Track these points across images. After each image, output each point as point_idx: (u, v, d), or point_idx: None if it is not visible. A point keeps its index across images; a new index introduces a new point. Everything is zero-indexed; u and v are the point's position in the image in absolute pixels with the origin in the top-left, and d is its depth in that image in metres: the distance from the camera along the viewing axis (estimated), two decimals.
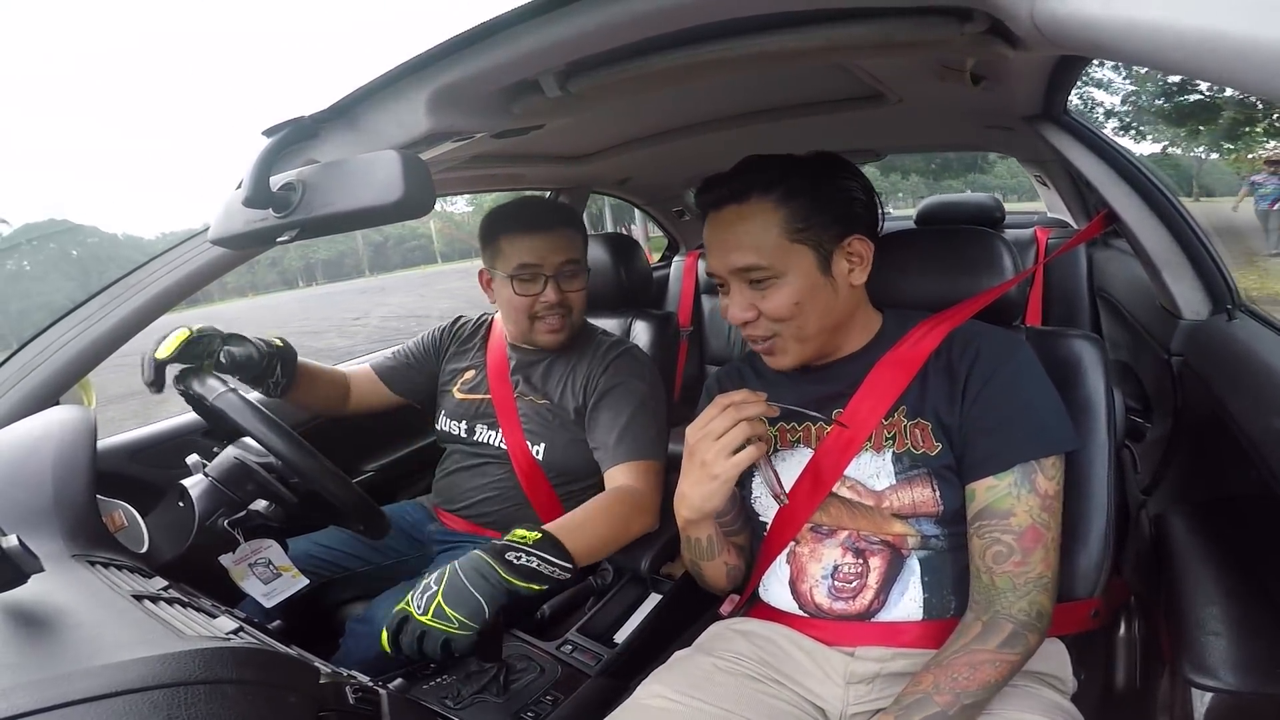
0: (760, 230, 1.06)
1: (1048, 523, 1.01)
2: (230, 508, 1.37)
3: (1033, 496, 1.01)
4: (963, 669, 0.95)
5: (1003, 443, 1.03)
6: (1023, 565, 1.00)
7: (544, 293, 1.61)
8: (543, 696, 1.24)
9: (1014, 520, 1.01)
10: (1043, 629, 1.00)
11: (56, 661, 0.67)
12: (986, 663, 0.95)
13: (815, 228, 1.07)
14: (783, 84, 1.53)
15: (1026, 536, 1.00)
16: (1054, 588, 1.02)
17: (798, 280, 1.07)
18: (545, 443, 1.67)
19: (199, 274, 1.48)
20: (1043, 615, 1.00)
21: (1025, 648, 0.97)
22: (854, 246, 1.10)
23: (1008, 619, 0.98)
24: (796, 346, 1.13)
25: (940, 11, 0.79)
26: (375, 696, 0.89)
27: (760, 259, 1.06)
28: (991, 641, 0.97)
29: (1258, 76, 0.38)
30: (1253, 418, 1.12)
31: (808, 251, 1.07)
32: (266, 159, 0.86)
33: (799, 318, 1.09)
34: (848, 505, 1.12)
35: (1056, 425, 1.05)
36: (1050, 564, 1.01)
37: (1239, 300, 1.44)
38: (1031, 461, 1.02)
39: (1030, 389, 1.06)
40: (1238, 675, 0.89)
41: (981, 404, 1.06)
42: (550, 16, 0.77)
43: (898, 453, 1.09)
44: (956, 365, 1.10)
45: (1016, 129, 1.73)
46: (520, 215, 1.62)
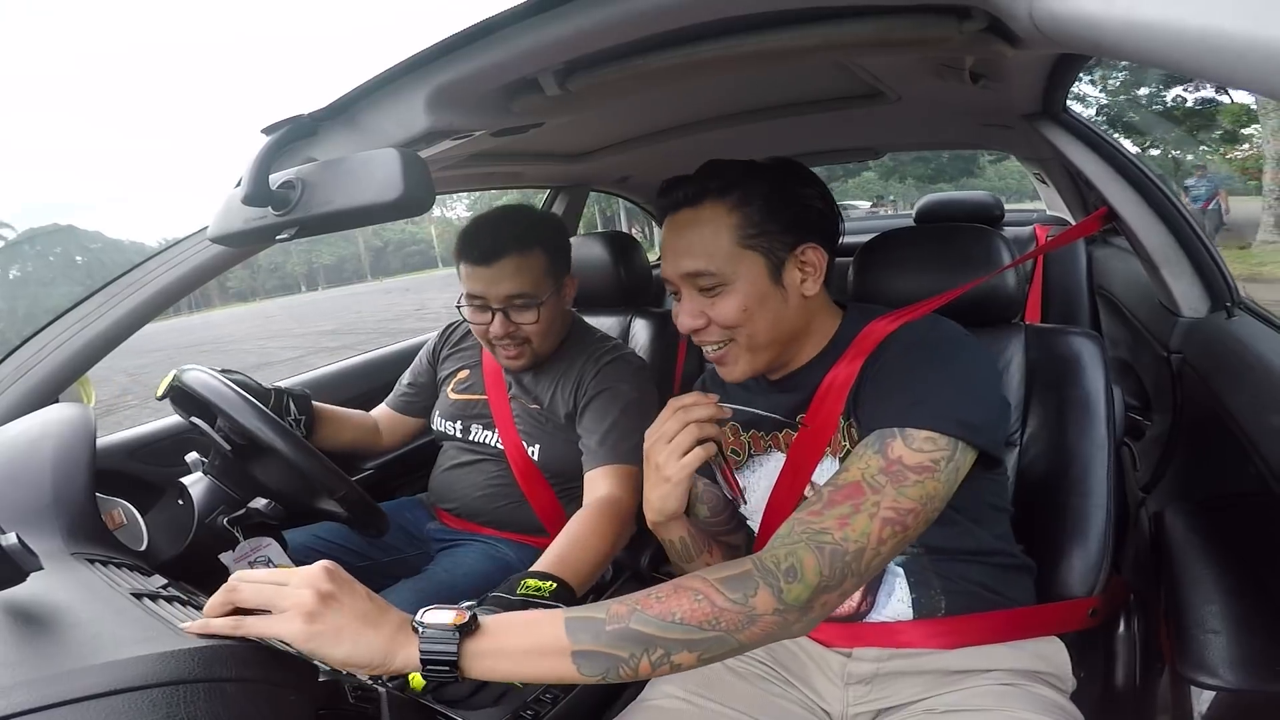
0: (712, 235, 1.05)
1: (880, 485, 0.88)
2: (230, 505, 1.37)
3: (876, 457, 0.91)
4: (665, 590, 0.83)
5: (872, 413, 0.98)
6: (813, 515, 0.87)
7: (492, 324, 1.56)
8: (542, 695, 1.24)
9: (842, 475, 0.91)
10: (789, 595, 0.82)
11: (56, 660, 0.67)
12: (690, 592, 0.82)
13: (767, 234, 1.05)
14: (782, 82, 1.53)
15: (843, 490, 0.88)
16: (835, 556, 0.84)
17: (746, 288, 1.05)
18: (540, 444, 1.67)
19: (198, 272, 1.47)
20: (797, 574, 0.82)
21: (748, 602, 0.81)
22: (807, 255, 1.07)
23: (754, 560, 0.85)
24: (748, 356, 1.10)
25: (939, 9, 0.79)
26: (374, 695, 0.89)
27: (709, 265, 1.04)
28: (715, 573, 0.84)
29: (1257, 75, 0.38)
30: (1252, 415, 1.12)
31: (758, 259, 1.05)
32: (266, 157, 0.86)
33: (748, 326, 1.06)
34: None
35: (947, 403, 0.93)
36: (847, 527, 0.85)
37: (1238, 298, 1.44)
38: (894, 428, 0.92)
39: (924, 364, 0.98)
40: (1237, 673, 0.89)
41: (872, 383, 1.03)
42: (549, 15, 0.77)
43: (842, 457, 1.06)
44: (877, 355, 1.06)
45: (1015, 127, 1.73)
46: (466, 244, 1.56)
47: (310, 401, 1.68)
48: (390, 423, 1.91)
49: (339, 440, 1.78)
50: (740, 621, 0.81)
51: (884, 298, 1.26)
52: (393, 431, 1.91)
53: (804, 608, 0.82)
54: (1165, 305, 1.57)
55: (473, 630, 0.80)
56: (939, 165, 29.42)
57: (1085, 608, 1.16)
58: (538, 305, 1.55)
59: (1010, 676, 1.04)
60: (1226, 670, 0.89)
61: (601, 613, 0.82)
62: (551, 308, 1.59)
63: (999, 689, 1.01)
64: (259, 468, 1.38)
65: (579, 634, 0.80)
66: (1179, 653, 0.96)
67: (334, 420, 1.76)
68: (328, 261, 67.68)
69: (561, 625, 0.81)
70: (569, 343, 1.72)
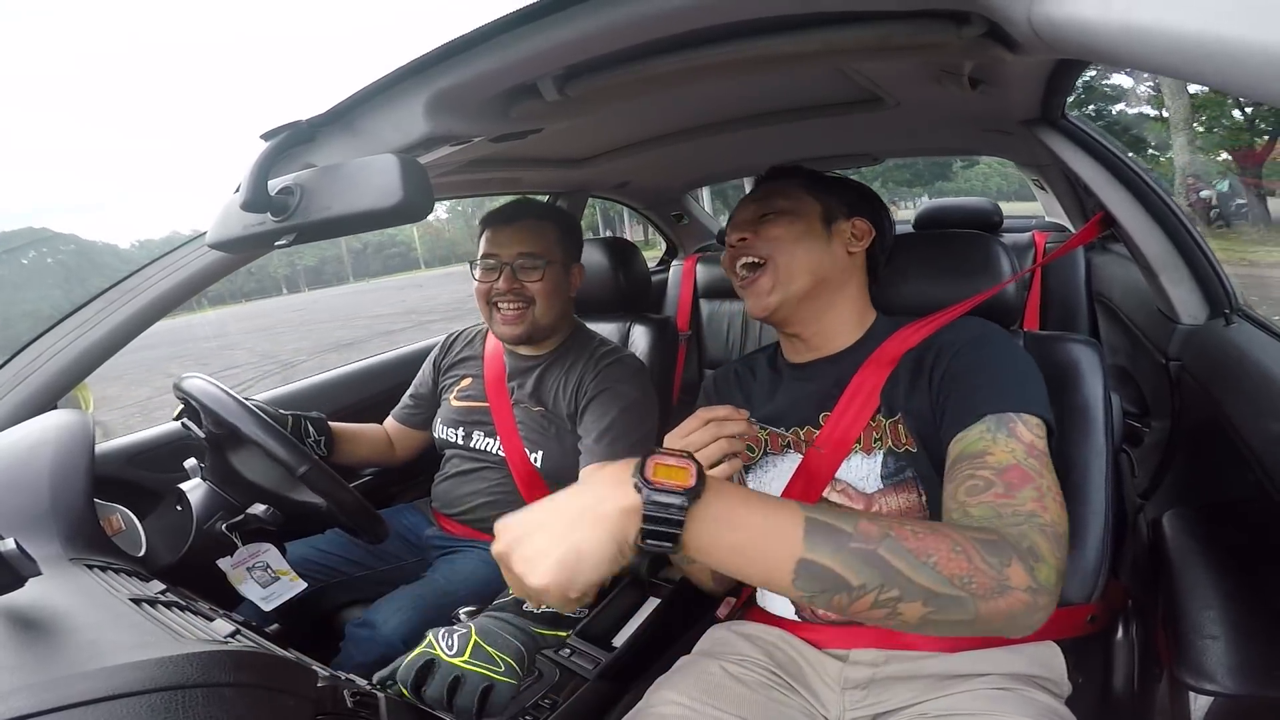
0: (787, 184, 1.25)
1: (1039, 470, 0.88)
2: (228, 511, 1.37)
3: (1014, 441, 0.91)
4: (921, 527, 0.76)
5: (970, 399, 1.00)
6: (1007, 498, 0.84)
7: (498, 281, 1.64)
8: (541, 700, 1.24)
9: (991, 458, 0.90)
10: (1039, 575, 0.76)
11: (54, 665, 0.67)
12: (950, 540, 0.75)
13: (831, 194, 1.24)
14: (780, 88, 1.53)
15: (1009, 473, 0.87)
16: (1056, 542, 0.80)
17: (798, 218, 1.20)
18: (543, 450, 1.68)
19: (196, 278, 1.48)
20: (1039, 555, 0.77)
21: (1004, 570, 0.75)
22: (858, 226, 1.23)
23: (996, 531, 0.80)
24: (779, 288, 1.18)
25: (937, 15, 0.80)
26: (373, 700, 0.89)
27: (778, 193, 1.23)
28: (971, 532, 0.78)
29: (1254, 80, 0.38)
30: (1250, 422, 1.12)
31: (816, 206, 1.21)
32: (264, 163, 0.86)
33: (786, 251, 1.18)
34: None
35: (1036, 390, 1.00)
36: (1049, 510, 0.83)
37: (1237, 305, 1.44)
38: (1008, 412, 0.95)
39: (999, 357, 1.04)
40: (1235, 679, 0.89)
41: (948, 377, 1.06)
42: (548, 20, 0.77)
43: (884, 453, 1.10)
44: (924, 358, 1.12)
45: (1014, 133, 1.73)
46: (492, 213, 1.72)
47: (327, 423, 1.73)
48: (399, 436, 1.96)
49: (356, 457, 1.84)
50: (991, 588, 0.74)
51: (884, 304, 1.26)
52: (403, 444, 1.96)
53: (1052, 592, 0.76)
54: (1164, 312, 1.57)
55: (699, 494, 0.71)
56: (915, 171, 31.14)
57: (1084, 614, 1.16)
58: (544, 265, 1.65)
59: (1005, 681, 1.03)
60: (1224, 676, 0.89)
61: (848, 525, 0.73)
62: (556, 275, 1.68)
63: (994, 693, 1.01)
64: (256, 473, 1.38)
65: (816, 541, 0.72)
66: (1177, 658, 0.96)
67: (350, 438, 1.81)
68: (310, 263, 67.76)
69: (801, 524, 0.72)
70: (570, 345, 1.74)
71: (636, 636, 1.44)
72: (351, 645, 1.46)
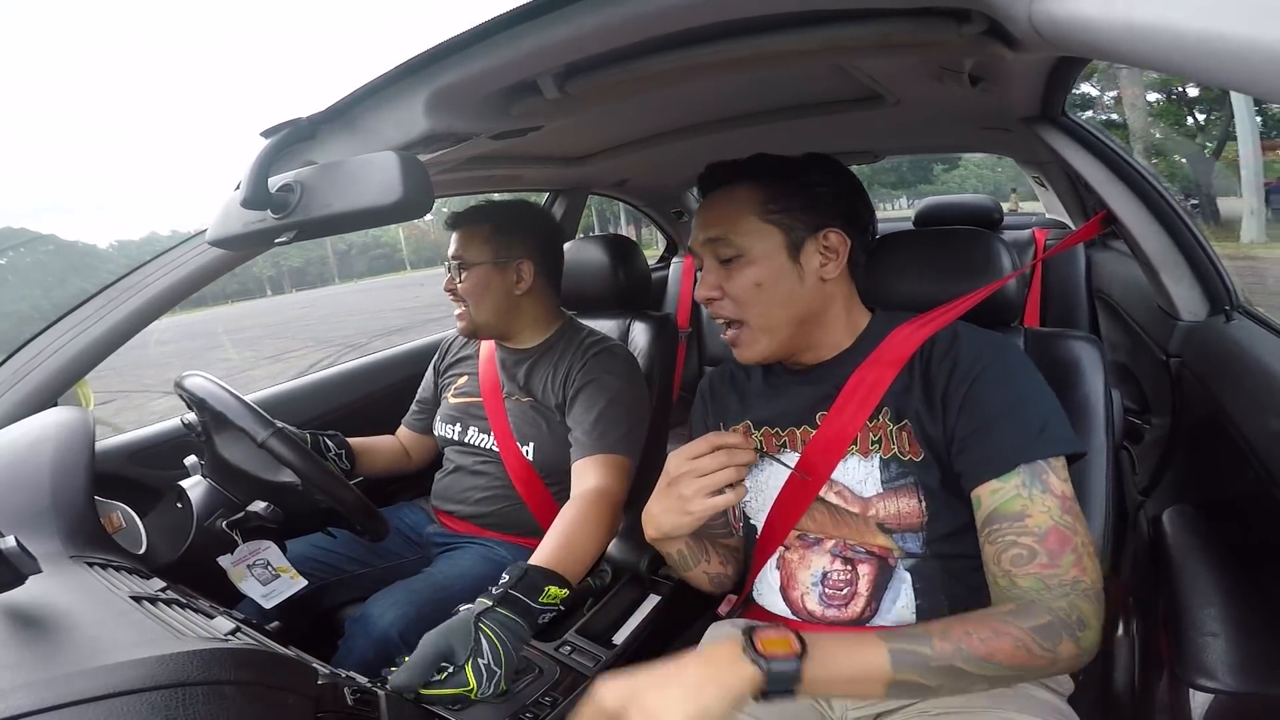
0: (736, 208, 1.10)
1: (1073, 526, 0.92)
2: (228, 509, 1.37)
3: (1048, 497, 0.93)
4: (984, 630, 0.86)
5: (1002, 442, 0.97)
6: (1053, 568, 0.90)
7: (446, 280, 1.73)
8: (541, 698, 1.23)
9: (1030, 521, 0.93)
10: (1084, 643, 0.87)
11: (55, 662, 0.67)
12: (1011, 637, 0.86)
13: (789, 212, 1.09)
14: (781, 85, 1.53)
15: (1050, 539, 0.91)
16: (1098, 600, 0.90)
17: (763, 261, 1.08)
18: (534, 442, 1.69)
19: (196, 275, 1.48)
20: (1085, 624, 0.87)
21: (1056, 650, 0.86)
22: (830, 239, 1.10)
23: (1046, 609, 0.88)
24: (763, 339, 1.11)
25: (938, 12, 0.79)
26: (373, 697, 0.89)
27: (729, 233, 1.09)
28: (1025, 620, 0.87)
29: (1256, 78, 0.38)
30: (1250, 419, 1.12)
31: (778, 234, 1.09)
32: (265, 160, 0.86)
33: (760, 302, 1.09)
34: (833, 512, 1.11)
35: (1058, 425, 0.98)
36: (1088, 570, 0.90)
37: (1237, 301, 1.44)
38: (1039, 461, 0.95)
39: (1024, 387, 1.01)
40: (1236, 676, 0.89)
41: (969, 409, 1.01)
42: (548, 18, 0.77)
43: (884, 458, 1.07)
44: (935, 372, 1.06)
45: (1014, 130, 1.73)
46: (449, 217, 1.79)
47: (344, 438, 1.76)
48: (413, 442, 1.99)
49: (374, 468, 1.86)
50: (1045, 666, 0.87)
51: (884, 301, 1.26)
52: (417, 450, 1.99)
53: (1094, 649, 0.89)
54: (1164, 309, 1.57)
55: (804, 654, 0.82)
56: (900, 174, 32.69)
57: None
58: (469, 267, 1.69)
59: None
60: (1225, 673, 0.89)
61: (926, 647, 0.85)
62: (481, 275, 1.70)
63: (995, 691, 1.01)
64: (260, 470, 1.38)
65: (902, 665, 0.84)
66: (1178, 655, 0.96)
67: (368, 451, 1.84)
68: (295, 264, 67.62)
69: (886, 655, 0.84)
70: (560, 337, 1.76)
71: (637, 634, 1.44)
72: (352, 641, 1.46)
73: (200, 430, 1.42)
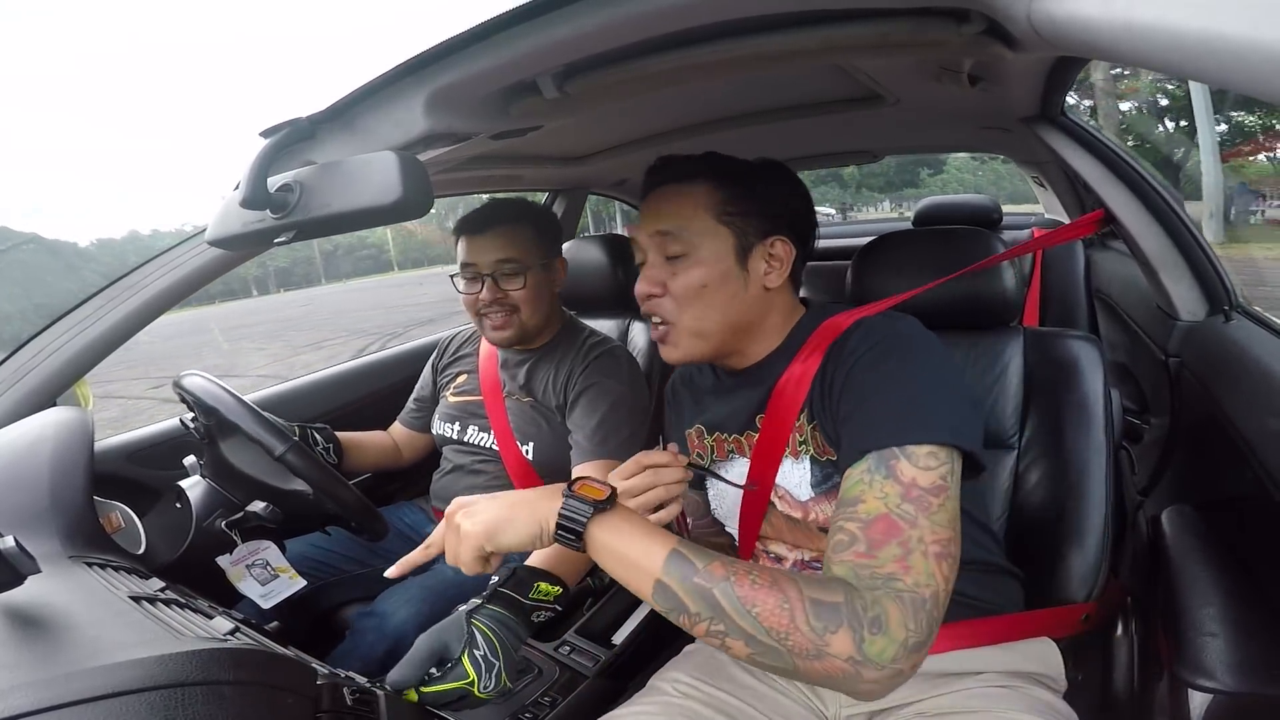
0: (691, 204, 1.06)
1: (913, 518, 0.81)
2: (227, 509, 1.37)
3: (889, 483, 0.84)
4: (765, 577, 0.79)
5: (859, 429, 0.91)
6: (867, 558, 0.80)
7: (482, 291, 1.63)
8: (541, 698, 1.24)
9: (861, 508, 0.84)
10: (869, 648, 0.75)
11: (54, 662, 0.67)
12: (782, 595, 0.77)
13: (744, 216, 1.05)
14: (780, 85, 1.53)
15: (875, 526, 0.82)
16: (917, 605, 0.77)
17: (711, 262, 1.04)
18: (534, 441, 1.68)
19: (196, 275, 1.48)
20: (881, 625, 0.75)
21: (826, 636, 0.75)
22: (776, 248, 1.07)
23: (844, 590, 0.78)
24: (690, 341, 1.08)
25: (937, 12, 0.79)
26: (372, 697, 0.89)
27: (682, 229, 1.05)
28: (812, 590, 0.78)
29: (1255, 77, 0.38)
30: (1249, 419, 1.12)
31: (729, 237, 1.05)
32: (264, 160, 0.86)
33: (700, 305, 1.05)
34: (784, 518, 1.10)
35: (934, 412, 0.88)
36: (913, 570, 0.79)
37: (1236, 301, 1.44)
38: (892, 447, 0.86)
39: (899, 372, 0.93)
40: (1234, 676, 0.89)
41: (846, 392, 0.96)
42: (548, 18, 0.77)
43: (813, 459, 1.04)
44: (832, 364, 1.01)
45: (1014, 130, 1.73)
46: (466, 218, 1.68)
47: (332, 432, 1.73)
48: (406, 439, 1.97)
49: (363, 464, 1.85)
50: (808, 650, 0.75)
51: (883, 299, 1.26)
52: (411, 447, 1.97)
53: (885, 665, 0.75)
54: (1163, 309, 1.57)
55: (605, 509, 0.87)
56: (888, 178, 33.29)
57: (1078, 614, 1.15)
58: (525, 271, 1.63)
59: (1002, 678, 1.03)
60: (1224, 673, 0.89)
61: (701, 561, 0.81)
62: (538, 277, 1.65)
63: (991, 691, 1.01)
64: (268, 477, 1.38)
65: (671, 568, 0.82)
66: (1176, 656, 0.96)
67: (357, 446, 1.82)
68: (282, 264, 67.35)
69: (664, 554, 0.83)
70: (561, 337, 1.75)
71: (636, 634, 1.44)
72: (358, 636, 1.45)
73: (203, 432, 1.42)
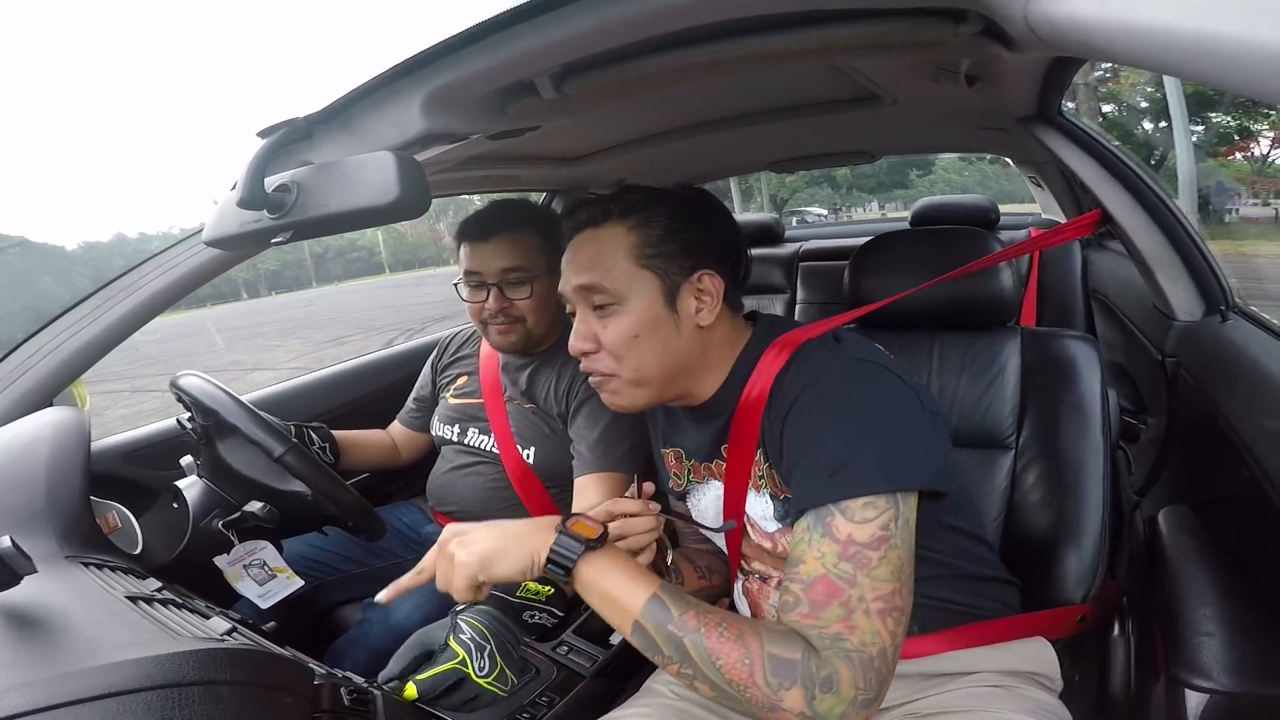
0: (610, 251, 1.02)
1: (851, 577, 0.83)
2: (224, 509, 1.37)
3: (826, 542, 0.85)
4: (734, 630, 0.83)
5: (798, 487, 0.92)
6: (812, 619, 0.82)
7: (487, 300, 1.60)
8: (538, 698, 1.23)
9: (803, 569, 0.86)
10: (819, 706, 0.78)
11: (50, 662, 0.67)
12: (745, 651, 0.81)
13: (665, 256, 1.02)
14: (778, 85, 1.53)
15: (815, 588, 0.83)
16: (865, 664, 0.80)
17: (640, 308, 1.01)
18: (535, 446, 1.68)
19: (193, 275, 1.48)
20: (832, 686, 0.78)
21: (779, 692, 0.79)
22: (704, 283, 1.03)
23: (803, 648, 0.81)
24: (631, 390, 1.05)
25: (934, 13, 0.80)
26: (370, 697, 0.89)
27: (604, 280, 1.01)
28: (773, 645, 0.81)
29: (1252, 78, 0.38)
30: (1246, 418, 1.12)
31: (654, 280, 1.02)
32: (261, 160, 0.86)
33: (635, 355, 1.02)
34: (754, 545, 1.10)
35: (869, 461, 0.87)
36: (856, 630, 0.81)
37: (1233, 301, 1.44)
38: (828, 504, 0.86)
39: (833, 420, 0.92)
40: (1231, 676, 0.89)
41: (787, 439, 0.96)
42: (545, 18, 0.77)
43: (773, 494, 1.03)
44: (780, 399, 0.99)
45: (1011, 130, 1.73)
46: (465, 225, 1.63)
47: (329, 431, 1.73)
48: (405, 439, 1.97)
49: (361, 463, 1.85)
50: (763, 704, 0.80)
51: (880, 300, 1.26)
52: (409, 447, 1.97)
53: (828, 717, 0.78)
54: (1160, 309, 1.57)
55: (595, 548, 0.90)
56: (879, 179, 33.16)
57: (1075, 614, 1.15)
58: (531, 280, 1.60)
59: (997, 678, 1.04)
60: (1220, 673, 0.89)
61: (677, 609, 0.86)
62: (545, 285, 1.62)
63: (986, 690, 1.02)
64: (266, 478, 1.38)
65: (649, 612, 0.86)
66: (1173, 656, 0.96)
67: (354, 445, 1.82)
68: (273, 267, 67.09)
69: (644, 597, 0.87)
70: (563, 342, 1.73)
71: None
72: (364, 626, 1.45)
73: (200, 432, 1.42)
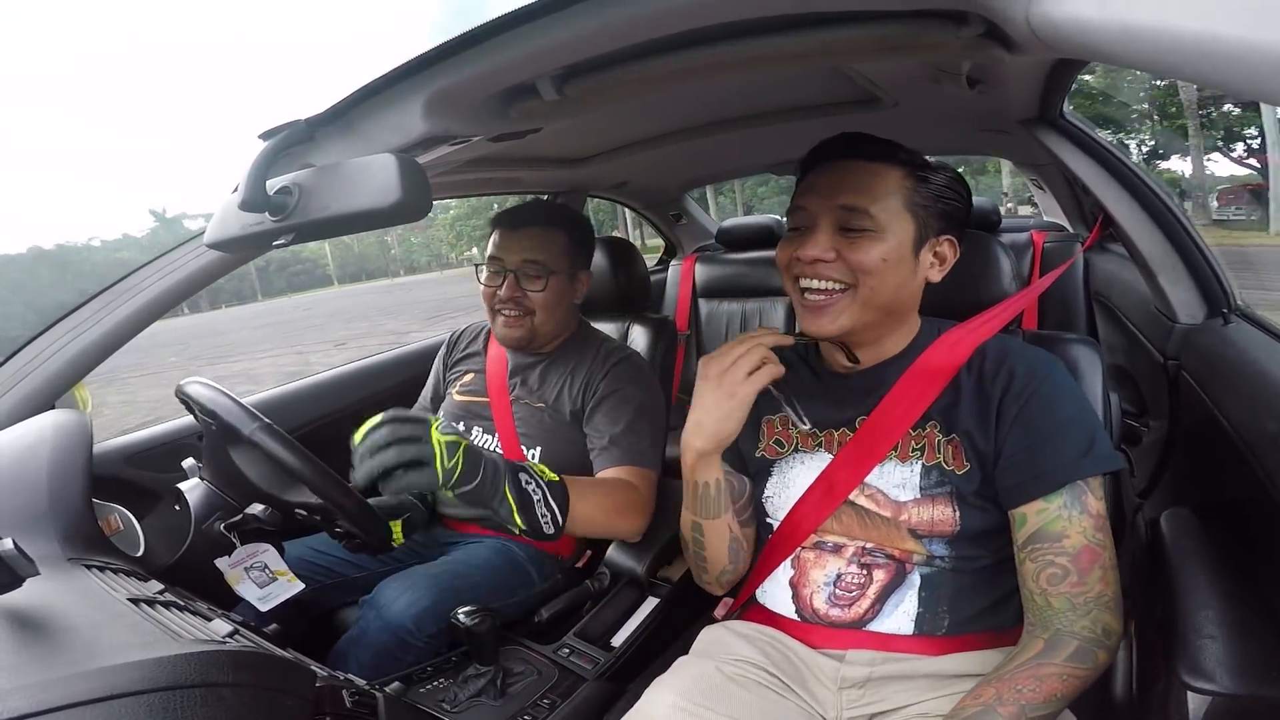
0: (884, 187, 1.07)
1: (1103, 542, 1.00)
2: (226, 511, 1.37)
3: (1085, 517, 1.00)
4: (1028, 681, 0.93)
5: (1050, 462, 1.01)
6: (1080, 585, 0.98)
7: (502, 287, 1.64)
8: (540, 700, 1.24)
9: (1067, 542, 0.99)
10: (1112, 646, 0.98)
11: (52, 665, 0.67)
12: (1053, 675, 0.94)
13: (928, 210, 1.09)
14: (779, 88, 1.53)
15: (1082, 557, 0.98)
16: (1118, 606, 1.00)
17: (894, 243, 1.06)
18: (541, 445, 1.67)
19: (193, 278, 1.48)
20: (1109, 632, 0.98)
21: (1094, 664, 0.96)
22: (944, 246, 1.12)
23: (1072, 635, 0.97)
24: (857, 310, 1.08)
25: (936, 15, 0.79)
26: (372, 700, 0.89)
27: (873, 206, 1.05)
28: (1058, 655, 0.95)
29: (1254, 80, 0.38)
30: (1248, 421, 1.12)
31: (913, 226, 1.08)
32: (263, 162, 0.86)
33: (878, 277, 1.06)
34: (861, 515, 1.12)
35: (1102, 444, 1.02)
36: (1110, 582, 1.00)
37: (1235, 304, 1.44)
38: (1079, 482, 1.00)
39: (1070, 407, 1.04)
40: (1234, 678, 0.88)
41: (1021, 425, 1.04)
42: (547, 20, 0.77)
43: (927, 465, 1.09)
44: (989, 386, 1.08)
45: (1012, 132, 1.73)
46: (505, 213, 1.70)
47: None
48: None
49: None
50: (1091, 676, 0.96)
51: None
52: None
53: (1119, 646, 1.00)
54: (1162, 312, 1.57)
55: None
56: None
57: None
58: (548, 275, 1.63)
59: None
60: (1223, 675, 0.89)
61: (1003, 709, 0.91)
62: (560, 284, 1.66)
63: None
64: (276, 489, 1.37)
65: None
66: (1176, 658, 0.96)
67: None
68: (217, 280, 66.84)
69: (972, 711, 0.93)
70: (575, 342, 1.74)
71: (635, 636, 1.44)
72: (357, 631, 1.44)
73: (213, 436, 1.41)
